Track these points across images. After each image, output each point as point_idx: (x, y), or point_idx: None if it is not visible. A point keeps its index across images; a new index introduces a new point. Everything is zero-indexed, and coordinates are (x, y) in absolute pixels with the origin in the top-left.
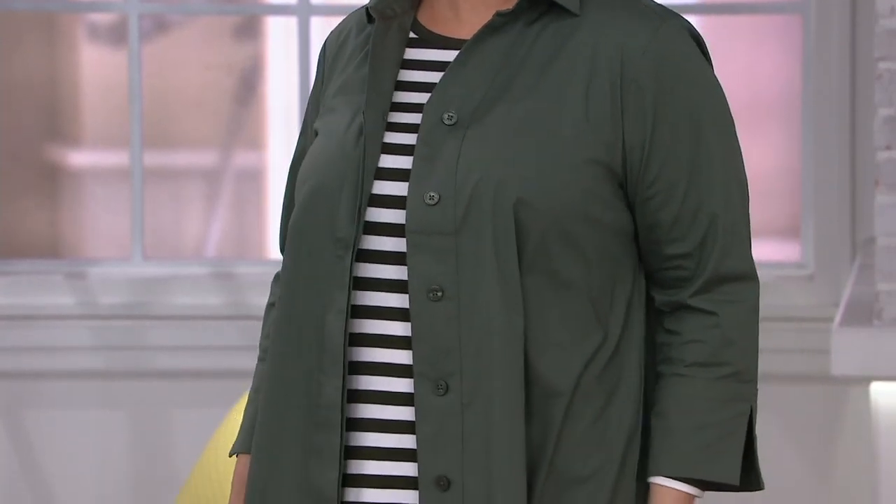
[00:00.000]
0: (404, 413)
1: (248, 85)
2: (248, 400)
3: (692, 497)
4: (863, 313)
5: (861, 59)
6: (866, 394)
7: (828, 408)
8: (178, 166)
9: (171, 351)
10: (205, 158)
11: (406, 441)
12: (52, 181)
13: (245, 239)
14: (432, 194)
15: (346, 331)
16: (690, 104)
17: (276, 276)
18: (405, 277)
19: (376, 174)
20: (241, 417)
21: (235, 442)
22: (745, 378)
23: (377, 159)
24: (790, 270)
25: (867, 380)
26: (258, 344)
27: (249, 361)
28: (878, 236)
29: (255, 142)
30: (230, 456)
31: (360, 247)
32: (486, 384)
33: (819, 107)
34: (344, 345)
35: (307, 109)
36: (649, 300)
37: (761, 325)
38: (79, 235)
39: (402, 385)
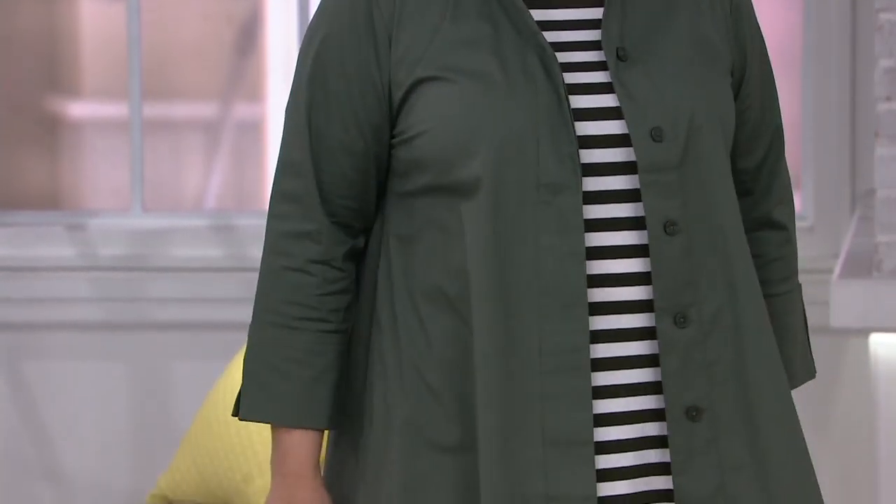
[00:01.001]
0: (643, 347)
1: (248, 36)
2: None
3: None
4: (862, 265)
5: (861, 10)
6: (865, 345)
7: (827, 359)
8: (178, 118)
9: (170, 303)
10: (204, 110)
11: (648, 374)
12: (52, 133)
13: (245, 191)
14: (657, 130)
15: (584, 271)
16: (757, 23)
17: (294, 236)
18: (631, 214)
19: (574, 115)
20: (277, 383)
21: (288, 412)
22: (797, 277)
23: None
24: None
25: (866, 331)
26: (269, 309)
27: (249, 313)
28: (878, 188)
29: (255, 93)
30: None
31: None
32: (726, 311)
33: (819, 58)
34: (584, 285)
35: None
36: None
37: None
38: (78, 187)
39: (639, 321)
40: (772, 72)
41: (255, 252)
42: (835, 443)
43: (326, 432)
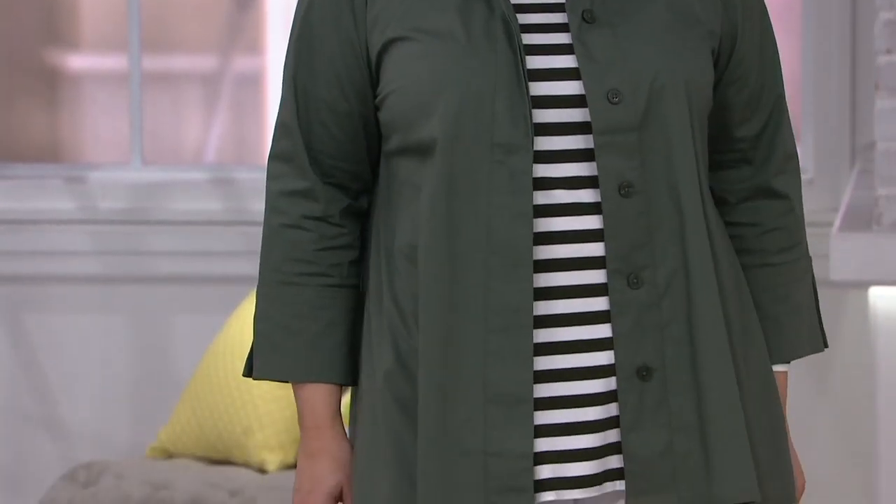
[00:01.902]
0: (595, 304)
1: None
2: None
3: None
4: (862, 218)
5: None
6: (865, 298)
7: (827, 312)
8: (177, 70)
9: (170, 256)
10: (204, 62)
11: (600, 331)
12: (51, 85)
13: (244, 144)
14: (614, 92)
15: (531, 231)
16: None
17: (288, 194)
18: (587, 174)
19: (530, 76)
20: (284, 340)
21: (296, 367)
22: (807, 249)
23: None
24: None
25: (866, 284)
26: (272, 267)
27: (249, 267)
28: (878, 141)
29: (255, 46)
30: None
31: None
32: (680, 274)
33: (819, 10)
34: (530, 245)
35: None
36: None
37: None
38: (78, 140)
39: (589, 277)
40: (773, 40)
41: (255, 205)
42: (834, 395)
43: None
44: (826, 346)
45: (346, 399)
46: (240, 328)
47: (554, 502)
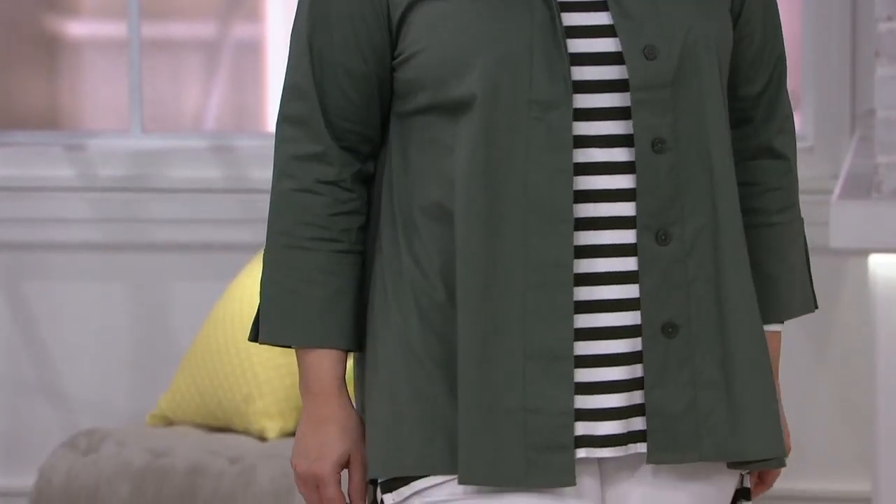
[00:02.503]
0: (626, 263)
1: None
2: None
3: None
4: (862, 186)
5: None
6: (865, 265)
7: (826, 279)
8: (177, 38)
9: (170, 224)
10: (203, 30)
11: (630, 291)
12: (51, 52)
13: (244, 111)
14: (651, 48)
15: (571, 188)
16: None
17: (301, 158)
18: (622, 132)
19: (566, 33)
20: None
21: (305, 333)
22: (800, 210)
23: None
24: None
25: (866, 252)
26: (281, 231)
27: (249, 235)
28: (878, 108)
29: (254, 13)
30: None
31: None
32: (707, 231)
33: None
34: (570, 202)
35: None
36: None
37: None
38: (78, 106)
39: (623, 237)
40: (775, 1)
41: (255, 173)
42: (834, 362)
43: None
44: (816, 306)
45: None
46: (240, 296)
47: (584, 459)
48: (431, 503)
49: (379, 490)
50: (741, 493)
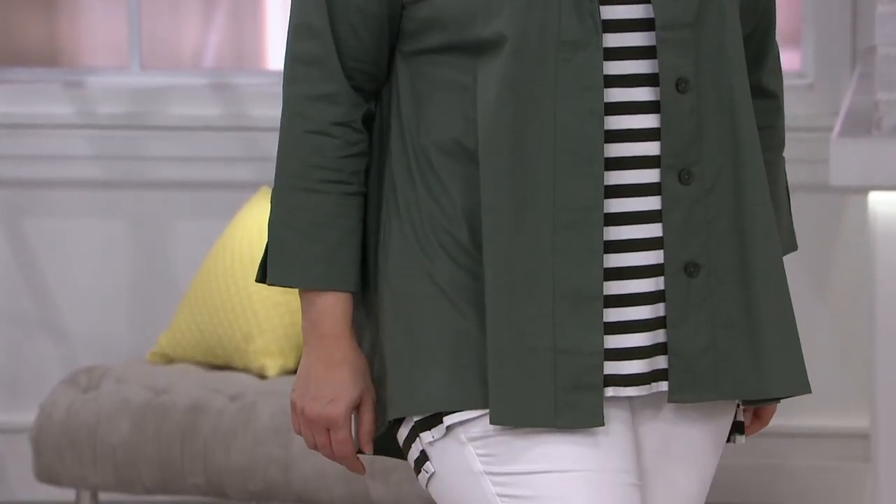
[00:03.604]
0: (650, 203)
1: None
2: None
3: None
4: (862, 123)
5: None
6: (864, 203)
7: (826, 217)
8: None
9: (169, 161)
10: None
11: (654, 230)
12: None
13: (243, 49)
14: None
15: (602, 128)
16: None
17: (315, 98)
18: (646, 71)
19: None
20: (304, 247)
21: (316, 275)
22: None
23: None
24: (790, 80)
25: (865, 189)
26: (292, 173)
27: (249, 173)
28: (879, 45)
29: None
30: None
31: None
32: (727, 170)
33: None
34: (601, 142)
35: None
36: None
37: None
38: (76, 43)
39: (650, 176)
40: None
41: (254, 111)
42: (834, 300)
43: None
44: (796, 247)
45: None
46: (239, 235)
47: (613, 399)
48: (473, 437)
49: (413, 430)
50: (735, 427)
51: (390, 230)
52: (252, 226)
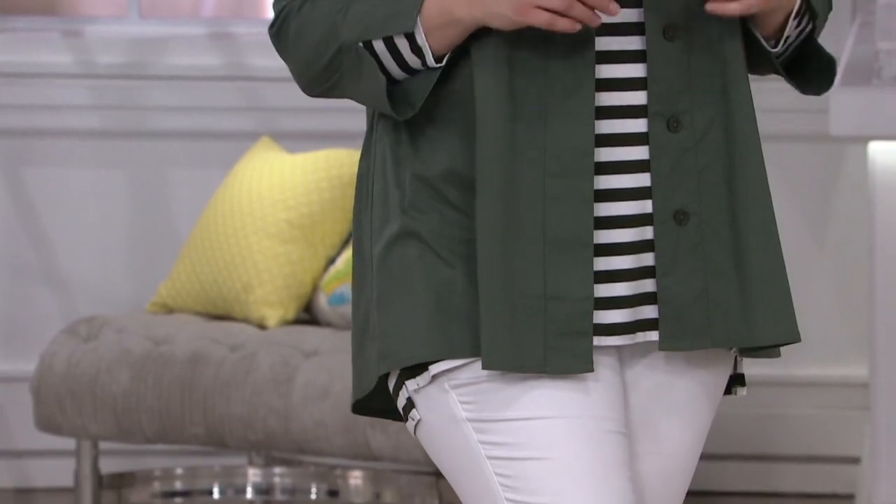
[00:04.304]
0: (637, 153)
1: None
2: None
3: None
4: (862, 72)
5: None
6: (864, 153)
7: (826, 166)
8: None
9: (168, 111)
10: None
11: (639, 180)
12: None
13: None
14: None
15: (594, 76)
16: None
17: None
18: (635, 20)
19: None
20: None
21: None
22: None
23: None
24: None
25: (865, 139)
26: (333, 20)
27: (247, 122)
28: None
29: None
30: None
31: None
32: (720, 119)
33: None
34: (592, 90)
35: None
36: None
37: (760, 85)
38: None
39: (639, 125)
40: None
41: (254, 60)
42: (833, 248)
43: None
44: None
45: (348, 255)
46: (238, 184)
47: (604, 347)
48: (456, 385)
49: (400, 378)
50: (736, 380)
51: (371, 188)
52: (251, 175)
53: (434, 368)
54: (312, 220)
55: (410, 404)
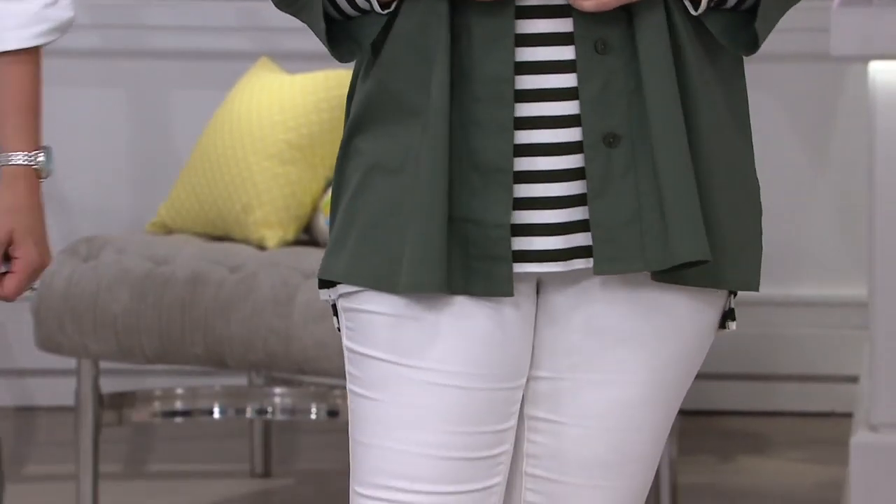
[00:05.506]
0: (566, 80)
1: None
2: None
3: None
4: None
5: None
6: (865, 72)
7: (827, 87)
8: None
9: (168, 30)
10: None
11: (568, 108)
12: None
13: None
14: None
15: (514, 5)
16: None
17: None
18: None
19: None
20: None
21: None
22: None
23: None
24: None
25: (866, 59)
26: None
27: (247, 42)
28: None
29: None
30: None
31: None
32: (645, 46)
33: None
34: (512, 18)
35: None
36: None
37: None
38: None
39: (565, 53)
40: None
41: None
42: (833, 169)
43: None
44: (756, 49)
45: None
46: (238, 105)
47: (524, 274)
48: (345, 308)
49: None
50: (728, 314)
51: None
52: (251, 96)
53: (340, 289)
54: (312, 141)
55: (334, 311)
